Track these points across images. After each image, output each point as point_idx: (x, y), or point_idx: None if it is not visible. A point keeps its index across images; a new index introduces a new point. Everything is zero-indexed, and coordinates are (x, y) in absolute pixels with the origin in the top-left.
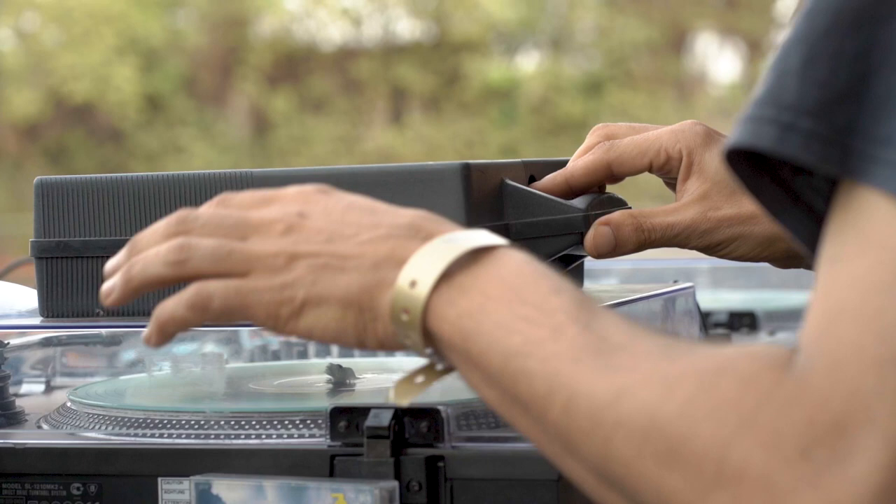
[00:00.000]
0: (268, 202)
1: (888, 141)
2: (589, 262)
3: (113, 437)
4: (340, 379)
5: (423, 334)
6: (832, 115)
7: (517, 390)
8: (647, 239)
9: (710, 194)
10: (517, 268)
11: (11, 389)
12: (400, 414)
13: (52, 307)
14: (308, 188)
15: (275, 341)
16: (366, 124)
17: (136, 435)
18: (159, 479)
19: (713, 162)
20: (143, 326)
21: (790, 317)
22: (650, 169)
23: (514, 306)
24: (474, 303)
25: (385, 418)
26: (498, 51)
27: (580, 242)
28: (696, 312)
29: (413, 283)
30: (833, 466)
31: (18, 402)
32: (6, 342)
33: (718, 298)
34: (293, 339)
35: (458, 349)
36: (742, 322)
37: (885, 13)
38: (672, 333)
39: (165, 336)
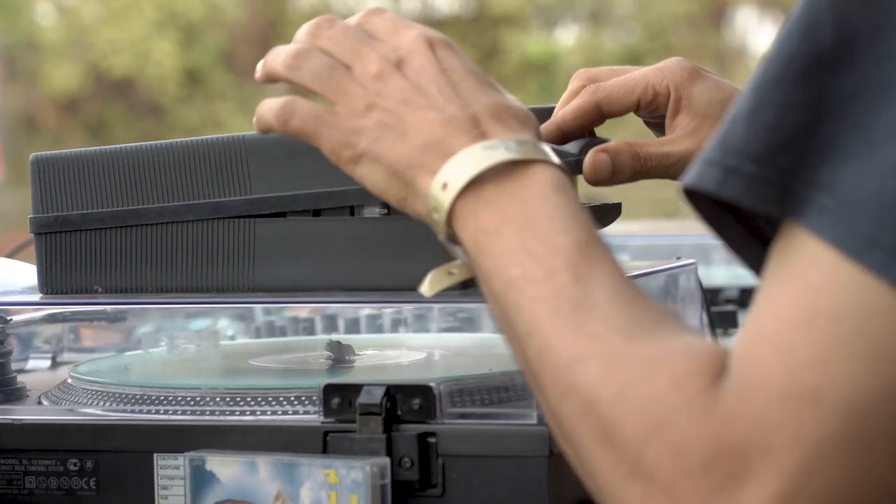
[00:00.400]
0: (394, 33)
1: (824, 186)
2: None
3: (110, 414)
4: (339, 356)
5: (449, 235)
6: (777, 159)
7: (508, 318)
8: (644, 167)
9: (702, 128)
10: (541, 193)
11: (17, 366)
12: (392, 391)
13: (51, 283)
14: (434, 35)
15: (282, 318)
16: None
17: (132, 411)
18: (155, 455)
19: (702, 97)
20: (140, 303)
21: None
22: (638, 107)
23: (524, 236)
24: (492, 222)
25: (377, 395)
26: (537, 24)
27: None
28: (698, 289)
29: (444, 186)
30: (728, 488)
31: (24, 379)
32: (8, 319)
33: (732, 275)
34: (301, 315)
35: (473, 260)
36: (752, 298)
37: (836, 63)
38: (655, 302)
39: (261, 128)
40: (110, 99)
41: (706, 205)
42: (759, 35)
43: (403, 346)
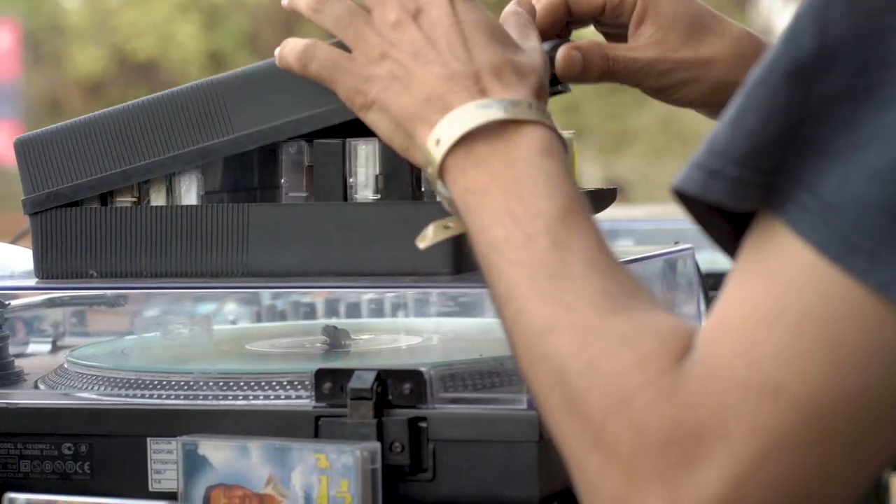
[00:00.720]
0: None
1: (806, 185)
2: (608, 223)
3: (104, 398)
4: (336, 340)
5: (441, 189)
6: (759, 161)
7: (489, 278)
8: (611, 69)
9: (666, 40)
10: (529, 156)
11: (18, 349)
12: (383, 376)
13: (46, 268)
14: None
15: (284, 302)
16: None
17: (126, 396)
18: (148, 440)
19: (668, 8)
20: (135, 288)
21: None
22: (603, 11)
23: (510, 198)
24: (481, 182)
25: (368, 380)
26: None
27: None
28: (696, 274)
29: (437, 142)
30: (682, 467)
31: (25, 363)
32: (6, 304)
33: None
34: (303, 299)
35: (462, 217)
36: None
37: (820, 69)
38: (629, 274)
39: (282, 63)
40: (134, 82)
41: (695, 204)
42: (783, 16)
43: (402, 330)
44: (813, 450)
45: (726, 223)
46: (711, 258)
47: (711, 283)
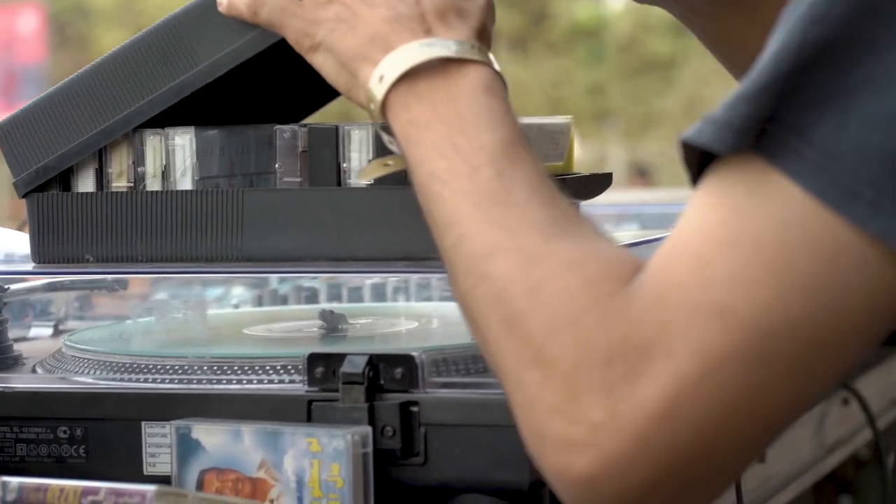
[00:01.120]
0: None
1: (787, 125)
2: (616, 207)
3: (99, 382)
4: (332, 325)
5: (385, 128)
6: (751, 107)
7: (429, 208)
8: None
9: None
10: (472, 92)
11: (18, 333)
12: (375, 361)
13: (43, 253)
14: None
15: (286, 286)
16: None
17: (121, 380)
18: (143, 424)
19: None
20: (130, 273)
21: None
22: None
23: (453, 132)
24: (424, 116)
25: (360, 364)
26: None
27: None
28: None
29: (381, 78)
30: (625, 382)
31: (27, 347)
32: (6, 288)
33: None
34: (304, 285)
35: (403, 151)
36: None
37: (815, 18)
38: (573, 206)
39: (230, 11)
40: None
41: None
42: None
43: (401, 314)
44: (754, 373)
45: None
46: None
47: None
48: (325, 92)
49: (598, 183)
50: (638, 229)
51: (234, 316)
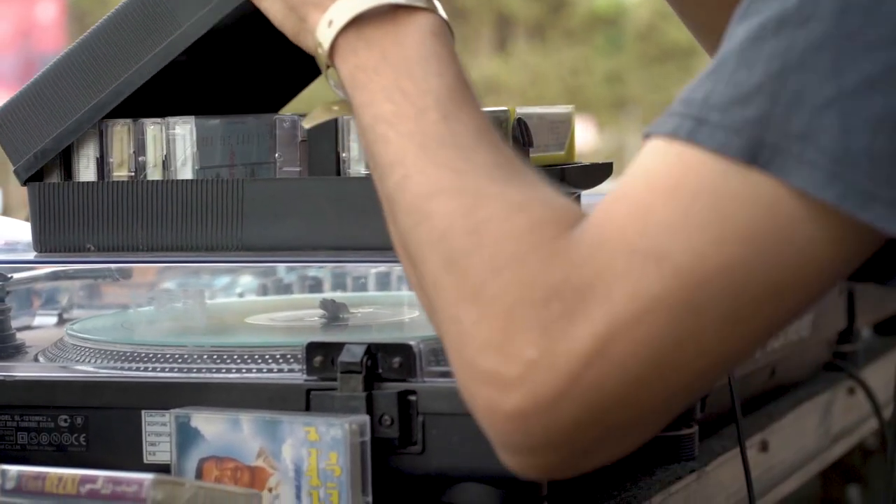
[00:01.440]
0: None
1: (701, 103)
2: None
3: (100, 371)
4: (334, 314)
5: (332, 72)
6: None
7: (373, 150)
8: None
9: None
10: (420, 39)
11: (23, 322)
12: (373, 350)
13: (44, 242)
14: None
15: (292, 276)
16: (471, 53)
17: (122, 368)
18: (143, 412)
19: None
20: (131, 262)
21: None
22: None
23: (400, 77)
24: (372, 60)
25: (358, 354)
26: None
27: (563, 180)
28: None
29: (330, 23)
30: (562, 321)
31: (30, 336)
32: (8, 276)
33: None
34: (308, 274)
35: (349, 94)
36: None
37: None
38: (517, 153)
39: None
40: None
41: None
42: None
43: (404, 304)
44: (686, 319)
45: None
46: None
47: None
48: (297, 80)
49: (598, 172)
50: None
51: (237, 305)
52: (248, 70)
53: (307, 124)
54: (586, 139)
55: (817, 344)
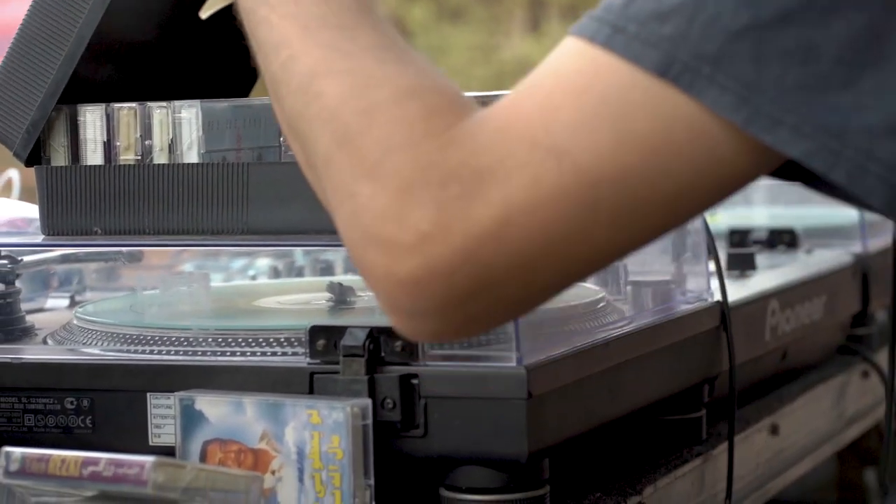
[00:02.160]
0: None
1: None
2: None
3: (106, 354)
4: (341, 297)
5: None
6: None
7: (257, 35)
8: None
9: None
10: None
11: (34, 304)
12: (375, 333)
13: (52, 225)
14: None
15: (304, 258)
16: (504, 33)
17: (128, 351)
18: (148, 395)
19: None
20: (136, 245)
21: (830, 234)
22: None
23: None
24: None
25: (360, 337)
26: None
27: None
28: (705, 233)
29: None
30: (459, 201)
31: (41, 318)
32: (19, 259)
33: (770, 215)
34: (320, 256)
35: None
36: (781, 239)
37: None
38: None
39: None
40: None
41: None
42: None
43: None
44: (579, 214)
45: None
46: (738, 214)
47: (736, 240)
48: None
49: None
50: None
51: (247, 288)
52: (218, 53)
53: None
54: None
55: (831, 327)
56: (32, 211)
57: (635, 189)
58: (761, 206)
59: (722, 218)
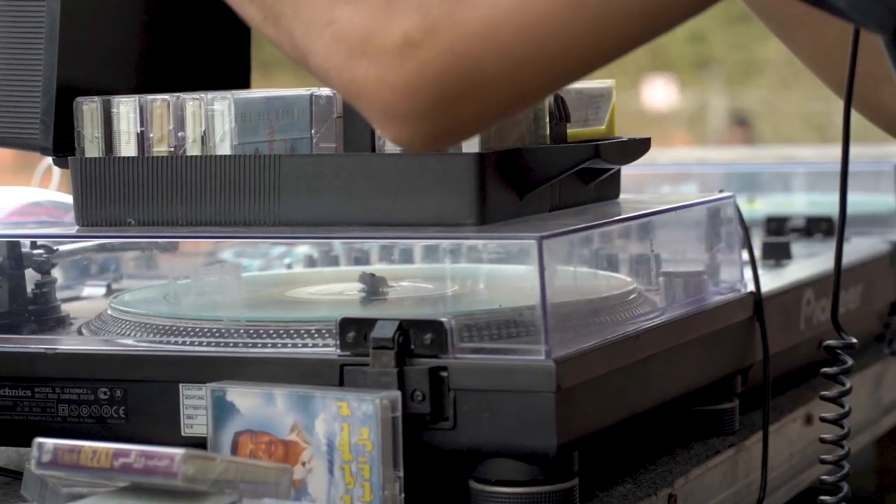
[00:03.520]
0: None
1: None
2: (676, 167)
3: (139, 345)
4: (373, 288)
5: None
6: None
7: None
8: None
9: None
10: None
11: (71, 293)
12: (405, 326)
13: (86, 216)
14: None
15: (338, 247)
16: None
17: (160, 342)
18: (180, 386)
19: None
20: (172, 237)
21: (867, 221)
22: None
23: None
24: None
25: (390, 330)
26: None
27: (597, 156)
28: (738, 222)
29: None
30: (444, 5)
31: (78, 307)
32: (55, 249)
33: (809, 202)
34: (356, 247)
35: None
36: (819, 227)
37: None
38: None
39: None
40: None
41: None
42: None
43: (447, 277)
44: (565, 12)
45: None
46: (776, 201)
47: (773, 228)
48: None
49: (635, 147)
50: (697, 191)
51: (281, 277)
52: (211, 44)
53: None
54: (669, 99)
55: (867, 315)
56: (53, 197)
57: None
58: (800, 192)
59: (760, 205)
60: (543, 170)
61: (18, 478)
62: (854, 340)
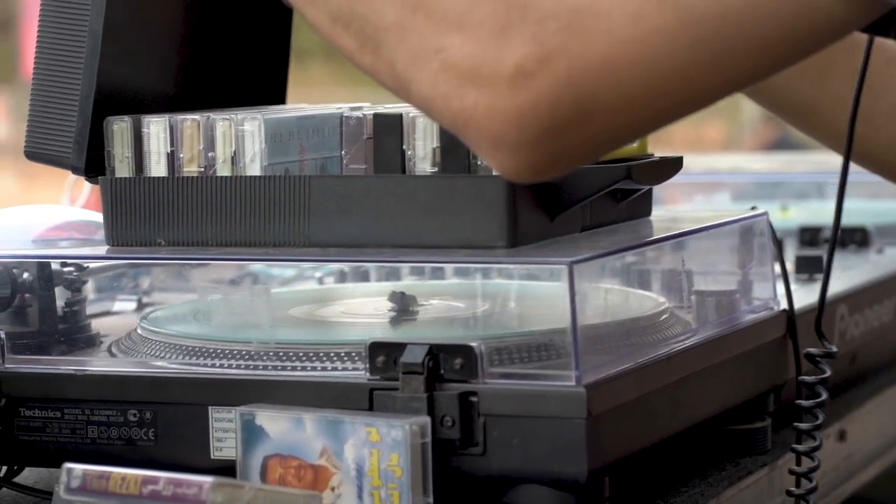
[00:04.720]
0: None
1: None
2: (710, 176)
3: (169, 367)
4: (403, 307)
5: None
6: None
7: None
8: None
9: None
10: None
11: (99, 308)
12: (434, 350)
13: (116, 236)
14: None
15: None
16: None
17: (189, 364)
18: (210, 408)
19: None
20: (202, 259)
21: None
22: None
23: None
24: None
25: (419, 354)
26: None
27: (629, 177)
28: (771, 239)
29: None
30: (559, 35)
31: (107, 323)
32: (85, 266)
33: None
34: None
35: None
36: (853, 238)
37: None
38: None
39: None
40: None
41: None
42: None
43: (478, 295)
44: (680, 52)
45: None
46: (810, 209)
47: (807, 238)
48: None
49: (667, 167)
50: (729, 200)
51: (311, 294)
52: (249, 59)
53: None
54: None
55: None
56: (84, 216)
57: (735, 30)
58: (834, 200)
59: (793, 213)
60: (574, 191)
61: (47, 498)
62: (834, 349)
